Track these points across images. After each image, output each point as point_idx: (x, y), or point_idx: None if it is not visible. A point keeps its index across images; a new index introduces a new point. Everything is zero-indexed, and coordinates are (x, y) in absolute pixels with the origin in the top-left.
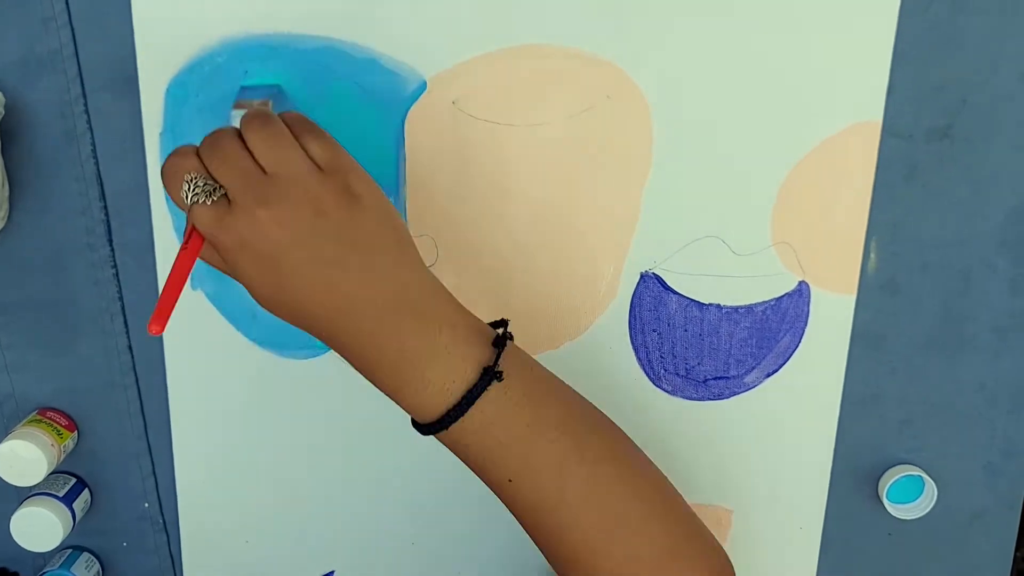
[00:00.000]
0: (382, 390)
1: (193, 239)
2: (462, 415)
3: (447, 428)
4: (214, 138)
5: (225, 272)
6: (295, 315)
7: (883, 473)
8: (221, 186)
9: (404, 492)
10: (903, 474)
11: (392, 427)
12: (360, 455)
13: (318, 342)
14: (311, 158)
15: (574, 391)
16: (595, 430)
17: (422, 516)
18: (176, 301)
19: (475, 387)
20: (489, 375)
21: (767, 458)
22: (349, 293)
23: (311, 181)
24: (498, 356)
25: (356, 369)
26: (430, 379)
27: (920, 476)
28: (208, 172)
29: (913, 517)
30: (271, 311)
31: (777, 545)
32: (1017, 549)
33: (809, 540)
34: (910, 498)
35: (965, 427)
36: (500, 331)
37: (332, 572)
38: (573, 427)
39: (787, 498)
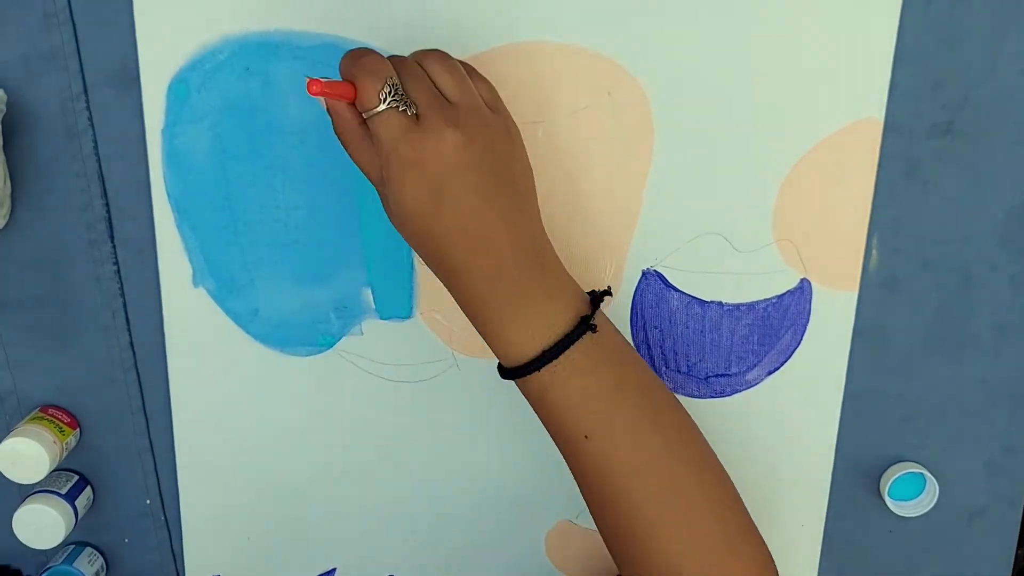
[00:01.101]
0: (482, 327)
1: (346, 88)
2: (554, 359)
3: (538, 370)
4: (400, 59)
5: (369, 175)
6: (431, 236)
7: (885, 470)
8: (413, 102)
9: (406, 489)
10: (904, 471)
11: (394, 425)
12: (362, 452)
13: (320, 339)
14: (481, 96)
15: (649, 368)
16: (672, 403)
17: (424, 514)
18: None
19: (571, 333)
20: (585, 324)
21: (768, 455)
22: (491, 225)
23: (487, 116)
24: (594, 310)
25: (461, 305)
26: (532, 320)
27: (921, 473)
28: (403, 86)
29: (914, 514)
30: (408, 226)
31: (779, 542)
32: (1019, 546)
33: (811, 537)
34: (911, 495)
35: (966, 424)
36: (598, 291)
37: (334, 569)
38: (652, 394)
39: (789, 495)
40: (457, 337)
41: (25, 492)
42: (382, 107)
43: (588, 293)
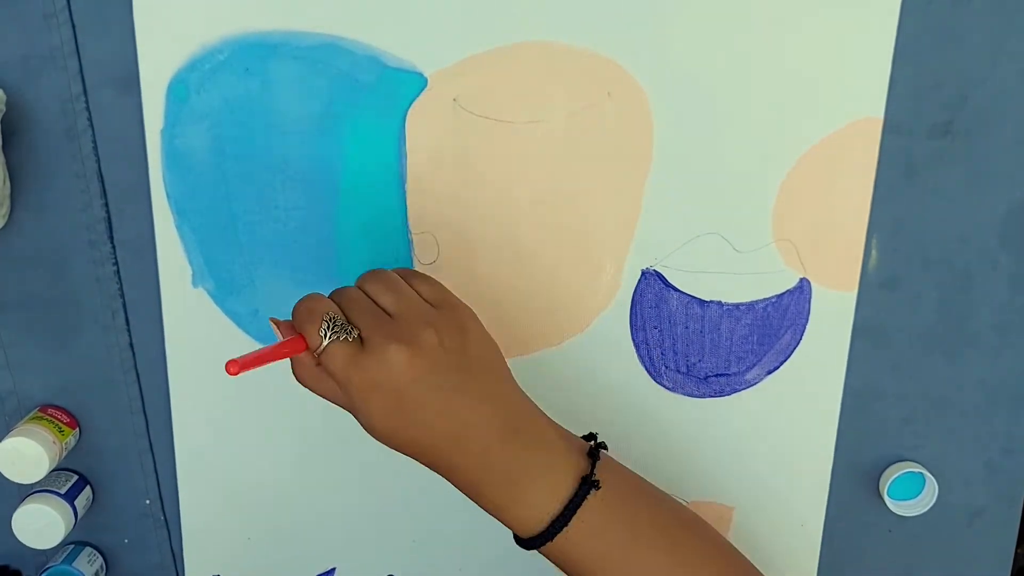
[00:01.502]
0: (488, 509)
1: (294, 342)
2: (565, 525)
3: (552, 539)
4: (340, 289)
5: (337, 404)
6: (413, 444)
7: (884, 470)
8: (355, 327)
9: (406, 490)
10: (904, 471)
11: None
12: (362, 452)
13: None
14: (423, 298)
15: (658, 489)
16: (687, 527)
17: (423, 514)
18: (255, 367)
19: (576, 496)
20: (588, 484)
21: (768, 455)
22: (466, 418)
23: (431, 316)
24: (593, 465)
25: (462, 491)
26: (534, 493)
27: (921, 473)
28: (344, 315)
29: (914, 514)
30: (388, 442)
31: (778, 542)
32: (1018, 546)
33: (810, 537)
34: (911, 495)
35: (966, 424)
36: (593, 443)
37: (333, 569)
38: (668, 527)
39: (788, 495)
40: None
41: (24, 492)
42: (325, 343)
43: (585, 438)
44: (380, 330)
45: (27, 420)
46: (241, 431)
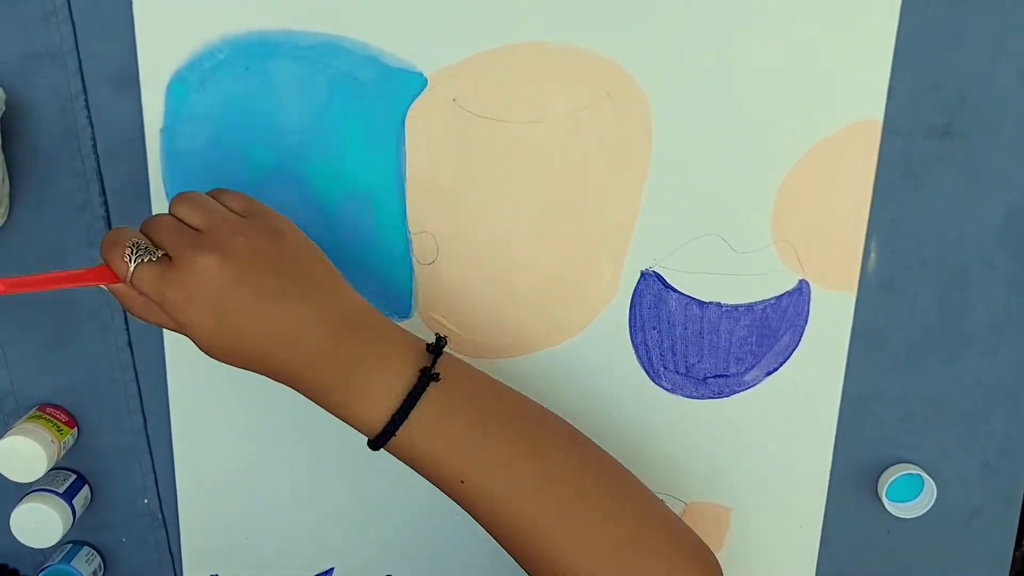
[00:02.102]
0: (331, 409)
1: (99, 271)
2: (405, 419)
3: (395, 434)
4: (149, 217)
5: (172, 328)
6: (244, 354)
7: (882, 471)
8: (160, 249)
9: (404, 489)
10: (902, 472)
11: None
12: (360, 452)
13: None
14: (233, 211)
15: (519, 393)
16: (545, 426)
17: (422, 514)
18: (30, 290)
19: (415, 389)
20: (427, 376)
21: (766, 456)
22: (292, 321)
23: (239, 225)
24: (434, 361)
25: (306, 396)
26: (372, 388)
27: (919, 474)
28: (149, 240)
29: (912, 515)
30: (220, 357)
31: (776, 543)
32: (1016, 547)
33: (808, 538)
34: (909, 496)
35: (964, 425)
36: (435, 340)
37: (331, 569)
38: (521, 424)
39: (786, 496)
40: (456, 337)
41: (23, 491)
42: (131, 267)
43: (428, 344)
44: (187, 245)
45: (25, 419)
46: (239, 430)
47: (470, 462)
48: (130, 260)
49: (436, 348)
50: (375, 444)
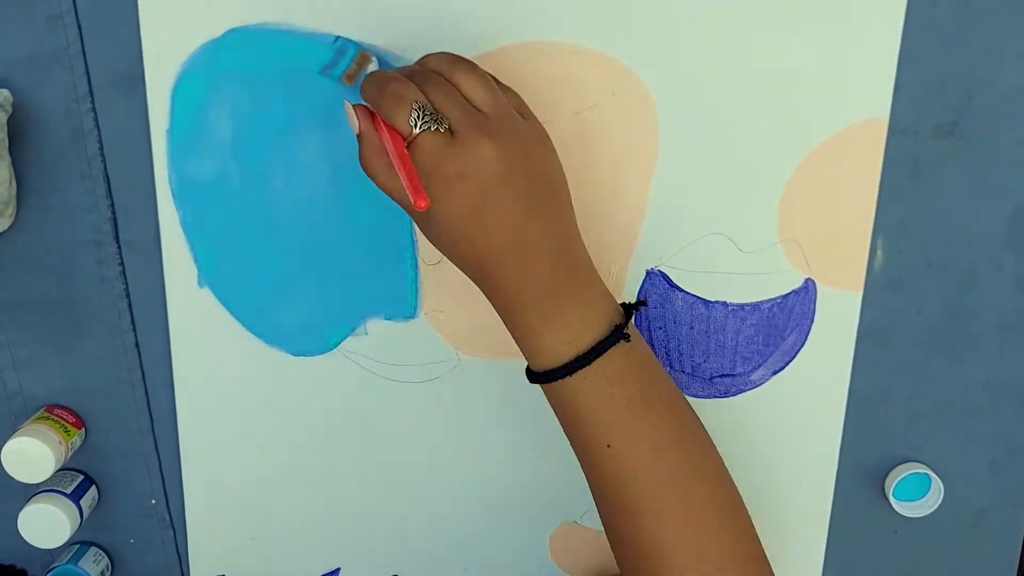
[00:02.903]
0: (516, 331)
1: (396, 139)
2: (588, 364)
3: (572, 374)
4: (427, 75)
5: (399, 201)
6: (477, 247)
7: (889, 471)
8: (445, 118)
9: (410, 490)
10: (909, 472)
11: (398, 425)
12: (366, 453)
13: (324, 340)
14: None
15: (678, 388)
16: (694, 421)
17: (428, 515)
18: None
19: (606, 340)
20: (619, 333)
21: (773, 456)
22: (531, 230)
23: (520, 124)
24: (627, 319)
25: (497, 307)
26: (567, 325)
27: (926, 474)
28: (431, 104)
29: (919, 515)
30: (452, 242)
31: (783, 543)
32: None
33: (815, 538)
34: (916, 496)
35: (971, 425)
36: (634, 302)
37: (338, 570)
38: (676, 410)
39: (793, 496)
40: (461, 337)
41: (30, 492)
42: (416, 131)
43: (621, 305)
44: (474, 124)
45: (33, 420)
46: (246, 431)
47: (623, 430)
48: (415, 124)
49: (630, 310)
50: (547, 377)
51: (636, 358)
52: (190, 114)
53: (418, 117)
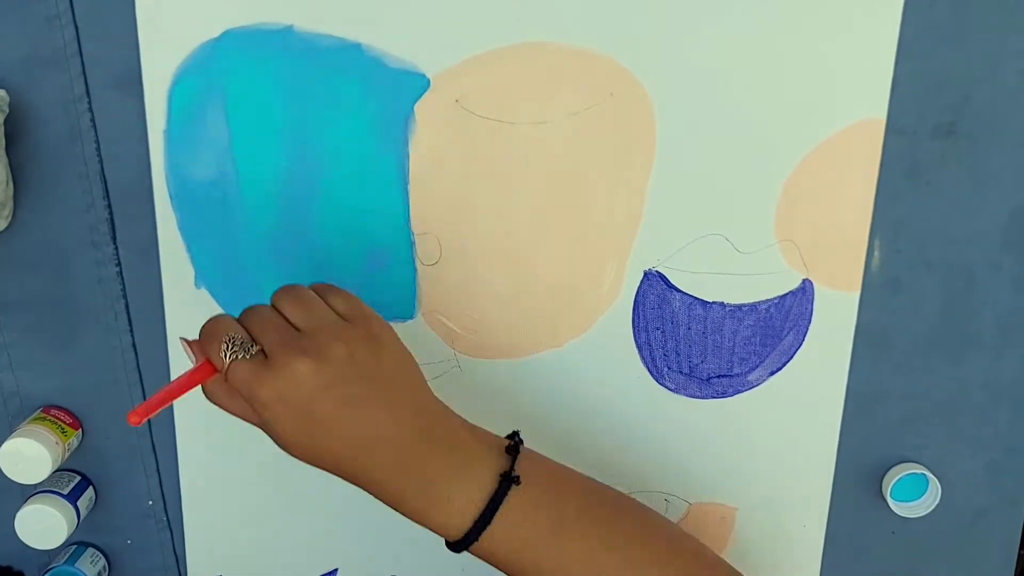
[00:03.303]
0: (411, 516)
1: (203, 368)
2: (488, 524)
3: (477, 539)
4: (250, 307)
5: (250, 421)
6: (325, 457)
7: (887, 471)
8: (257, 344)
9: None
10: (907, 472)
11: None
12: None
13: None
14: (336, 312)
15: (593, 480)
16: (621, 514)
17: None
18: (162, 408)
19: (496, 494)
20: (508, 480)
21: (771, 456)
22: (376, 429)
23: (340, 330)
24: (513, 461)
25: (385, 502)
26: (454, 496)
27: (924, 474)
28: (247, 333)
29: (917, 515)
30: (301, 457)
31: (781, 543)
32: (1021, 547)
33: (813, 538)
34: (914, 496)
35: (969, 425)
36: (512, 440)
37: (335, 570)
38: (598, 515)
39: (791, 496)
40: (459, 338)
41: (27, 492)
42: (227, 361)
43: (507, 437)
44: (285, 346)
45: (30, 421)
46: (243, 432)
47: (550, 561)
48: (226, 354)
49: (514, 449)
50: (456, 547)
51: (537, 489)
52: (187, 115)
53: (228, 347)
